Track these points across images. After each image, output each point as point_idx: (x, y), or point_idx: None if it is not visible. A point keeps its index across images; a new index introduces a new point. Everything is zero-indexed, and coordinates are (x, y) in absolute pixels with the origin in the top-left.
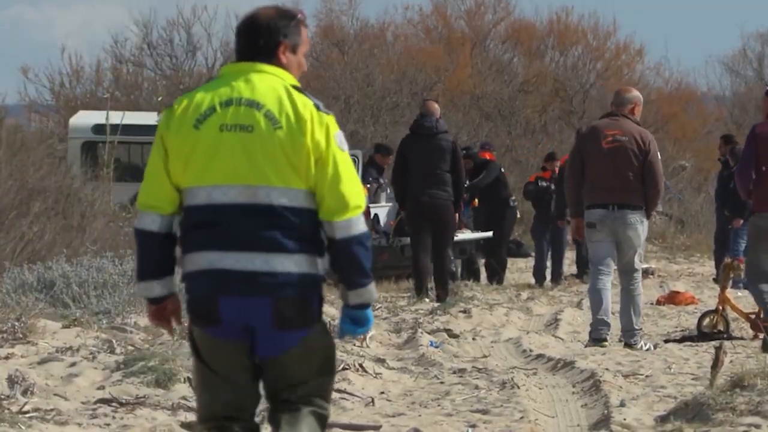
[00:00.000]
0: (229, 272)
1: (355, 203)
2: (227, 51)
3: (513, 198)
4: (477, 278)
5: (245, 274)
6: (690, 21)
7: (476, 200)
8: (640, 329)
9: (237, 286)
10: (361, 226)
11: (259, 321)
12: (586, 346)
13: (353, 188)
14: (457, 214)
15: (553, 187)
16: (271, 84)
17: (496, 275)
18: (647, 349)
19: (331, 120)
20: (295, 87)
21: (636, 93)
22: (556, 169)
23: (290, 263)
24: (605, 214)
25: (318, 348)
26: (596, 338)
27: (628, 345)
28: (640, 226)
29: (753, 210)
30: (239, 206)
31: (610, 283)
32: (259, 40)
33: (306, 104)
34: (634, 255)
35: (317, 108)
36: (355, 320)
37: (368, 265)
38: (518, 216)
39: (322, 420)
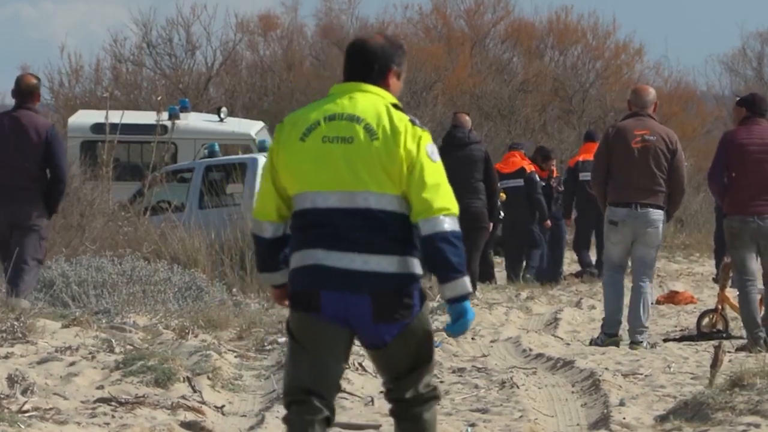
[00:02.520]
0: (331, 269)
1: (439, 206)
2: (226, 50)
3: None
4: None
5: (346, 272)
6: (690, 20)
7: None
8: (648, 328)
9: (337, 283)
10: (446, 225)
11: (358, 315)
12: (594, 342)
13: (437, 193)
14: (491, 222)
15: (554, 184)
16: (372, 101)
17: (486, 276)
18: (650, 346)
19: (424, 134)
20: (394, 105)
21: (654, 92)
22: (554, 170)
23: (386, 263)
24: (628, 213)
25: (416, 340)
26: (610, 333)
27: (635, 342)
28: (660, 226)
29: (725, 213)
30: (340, 210)
31: (623, 281)
32: (374, 64)
33: (401, 119)
34: (649, 253)
35: (412, 123)
36: (455, 314)
37: (456, 261)
38: (501, 215)
39: (433, 406)
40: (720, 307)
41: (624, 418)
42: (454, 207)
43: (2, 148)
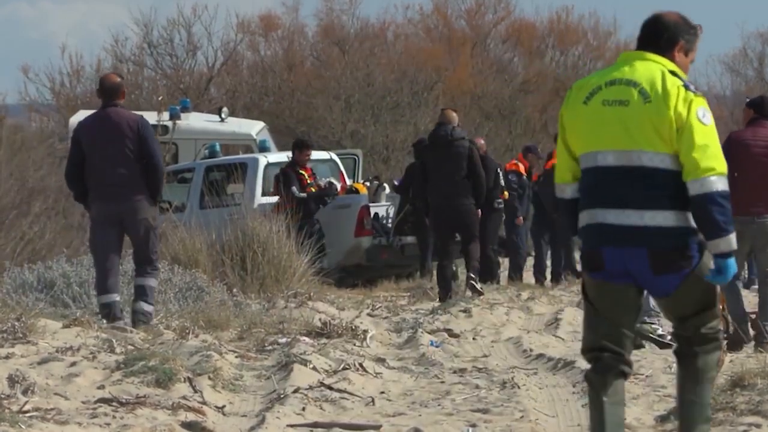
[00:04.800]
0: (610, 226)
1: (706, 165)
2: (227, 51)
3: (499, 200)
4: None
5: (623, 228)
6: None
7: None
8: (660, 314)
9: (616, 239)
10: (712, 185)
11: (637, 268)
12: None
13: (705, 153)
14: (480, 215)
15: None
16: (650, 68)
17: (488, 276)
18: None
19: (696, 98)
20: (671, 71)
21: None
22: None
23: (660, 217)
24: None
25: (697, 288)
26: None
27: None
28: None
29: None
30: (617, 168)
31: None
32: (663, 35)
33: (674, 83)
34: None
35: (685, 87)
36: (717, 266)
37: (722, 220)
38: (504, 217)
39: (713, 350)
40: (721, 307)
41: (625, 419)
42: (721, 167)
43: (101, 147)
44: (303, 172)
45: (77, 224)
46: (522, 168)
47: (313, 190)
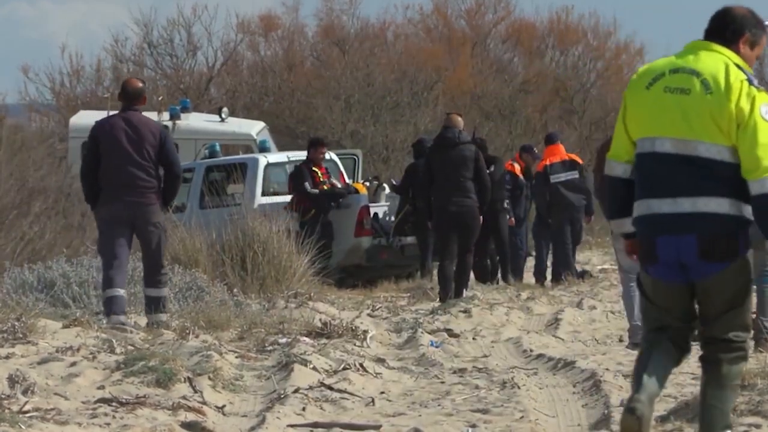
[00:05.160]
0: (664, 216)
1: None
2: (227, 51)
3: (506, 201)
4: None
5: (675, 216)
6: (690, 20)
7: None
8: None
9: (669, 227)
10: None
11: (687, 255)
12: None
13: (767, 152)
14: (482, 219)
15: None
16: (714, 59)
17: (487, 276)
18: None
19: (759, 94)
20: (736, 64)
21: None
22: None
23: (714, 204)
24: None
25: (732, 283)
26: (635, 343)
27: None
28: None
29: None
30: (674, 156)
31: None
32: (729, 27)
33: (738, 77)
34: None
35: (749, 82)
36: None
37: None
38: (509, 218)
39: (739, 360)
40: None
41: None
42: None
43: (122, 149)
44: (317, 170)
45: (77, 224)
46: (518, 169)
47: (326, 188)
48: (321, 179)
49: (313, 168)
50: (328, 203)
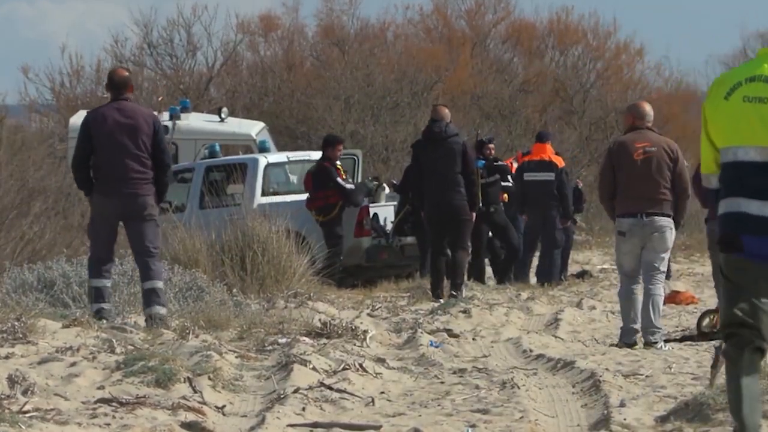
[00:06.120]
0: (751, 216)
1: None
2: (227, 51)
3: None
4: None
5: (762, 218)
6: (690, 21)
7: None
8: (661, 329)
9: (756, 228)
10: None
11: None
12: (616, 345)
13: None
14: (473, 213)
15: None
16: None
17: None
18: (665, 350)
19: None
20: None
21: (650, 107)
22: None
23: None
24: (634, 222)
25: None
26: (627, 342)
27: (648, 343)
28: (668, 232)
29: (709, 217)
30: (756, 164)
31: (639, 290)
32: None
33: None
34: (658, 257)
35: None
36: None
37: None
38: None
39: None
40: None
41: (624, 419)
42: None
43: (116, 139)
44: (339, 166)
45: (77, 224)
46: (515, 169)
47: (355, 183)
48: (345, 176)
49: (336, 165)
50: (361, 197)
